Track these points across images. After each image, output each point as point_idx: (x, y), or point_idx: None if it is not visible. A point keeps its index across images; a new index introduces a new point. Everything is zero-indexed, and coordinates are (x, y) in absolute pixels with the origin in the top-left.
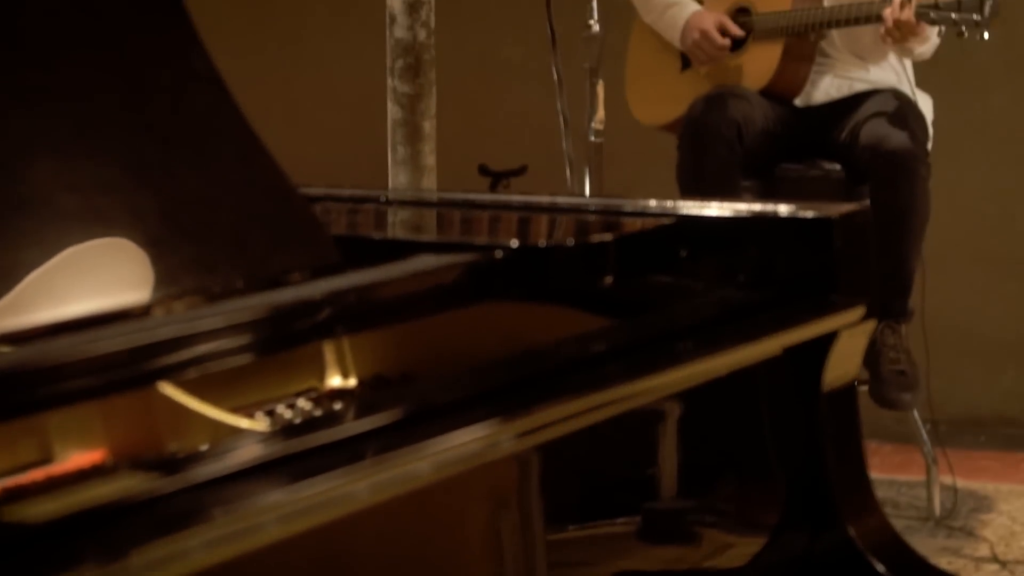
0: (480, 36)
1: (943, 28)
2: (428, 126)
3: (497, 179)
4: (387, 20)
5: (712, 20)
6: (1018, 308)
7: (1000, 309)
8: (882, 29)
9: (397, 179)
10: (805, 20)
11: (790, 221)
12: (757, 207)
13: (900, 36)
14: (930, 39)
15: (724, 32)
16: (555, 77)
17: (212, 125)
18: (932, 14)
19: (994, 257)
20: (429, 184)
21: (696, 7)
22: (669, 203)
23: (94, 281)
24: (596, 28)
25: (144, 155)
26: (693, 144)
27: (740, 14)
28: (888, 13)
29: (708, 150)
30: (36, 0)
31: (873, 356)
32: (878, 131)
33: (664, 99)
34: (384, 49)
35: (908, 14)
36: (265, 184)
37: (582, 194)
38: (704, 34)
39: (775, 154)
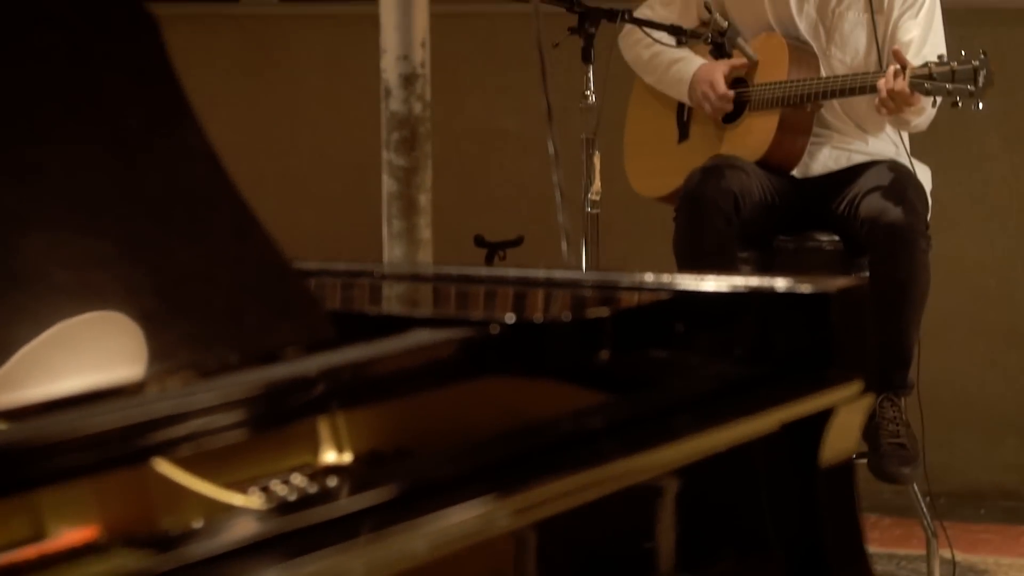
0: (476, 106)
1: (938, 99)
2: (424, 199)
3: (493, 250)
4: (382, 93)
5: (721, 69)
6: (1018, 380)
7: (1000, 381)
8: (877, 100)
9: (392, 252)
10: (801, 91)
11: (787, 296)
12: (754, 282)
13: (895, 107)
14: (925, 110)
15: (733, 69)
16: (551, 151)
17: (206, 199)
18: (927, 84)
19: (994, 329)
20: (425, 257)
21: (701, 61)
22: (666, 277)
23: (88, 356)
24: (593, 99)
25: (138, 230)
26: (690, 216)
27: (736, 85)
28: (882, 84)
29: (705, 222)
30: (29, 75)
31: (872, 429)
32: (877, 203)
33: (662, 171)
34: (379, 121)
35: (902, 84)
36: (259, 259)
37: (578, 266)
38: (712, 85)
39: (773, 226)
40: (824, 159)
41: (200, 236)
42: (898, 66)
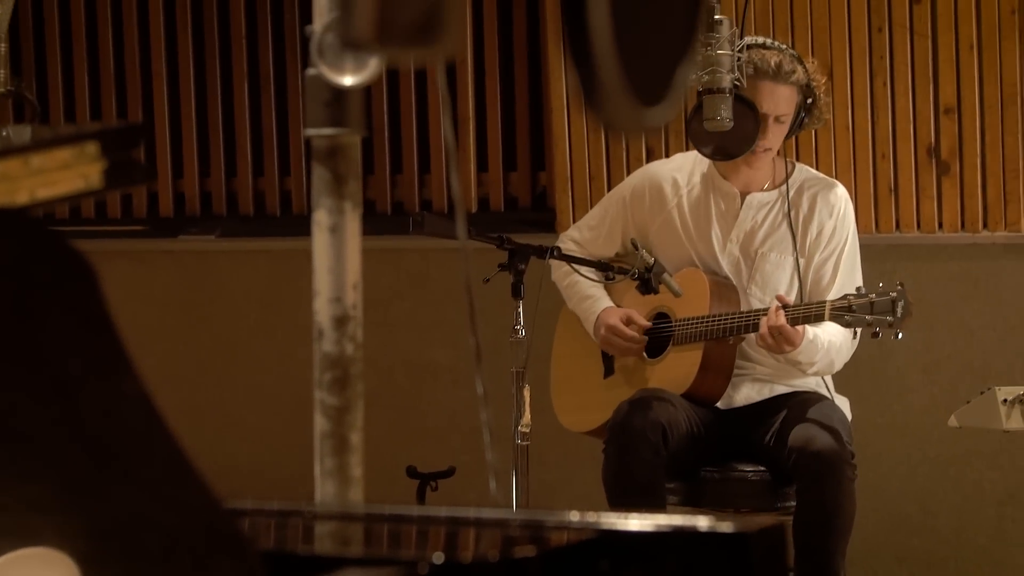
0: (408, 339)
1: (858, 331)
2: (355, 438)
3: (425, 481)
4: (315, 334)
5: (619, 315)
6: None
7: None
8: (757, 338)
9: (324, 489)
10: (722, 326)
11: (708, 535)
12: (677, 520)
13: (775, 344)
14: (817, 352)
15: (631, 323)
16: (479, 390)
17: (141, 445)
18: (847, 317)
19: (917, 557)
20: (356, 495)
21: (608, 303)
22: (591, 516)
23: None
24: (523, 333)
25: (74, 474)
26: (619, 447)
27: (659, 319)
28: (764, 321)
29: (634, 453)
30: None
31: None
32: (804, 433)
33: (589, 407)
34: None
35: (781, 319)
36: (193, 502)
37: (508, 501)
38: (611, 329)
39: (699, 456)
40: (747, 391)
41: (135, 480)
42: (779, 304)
